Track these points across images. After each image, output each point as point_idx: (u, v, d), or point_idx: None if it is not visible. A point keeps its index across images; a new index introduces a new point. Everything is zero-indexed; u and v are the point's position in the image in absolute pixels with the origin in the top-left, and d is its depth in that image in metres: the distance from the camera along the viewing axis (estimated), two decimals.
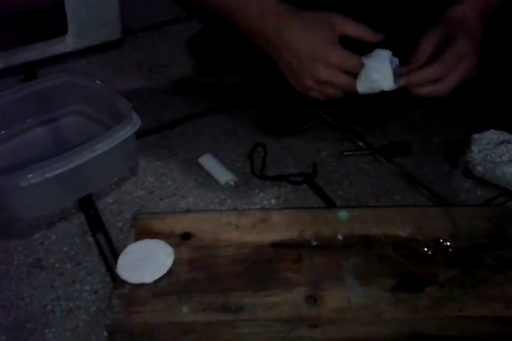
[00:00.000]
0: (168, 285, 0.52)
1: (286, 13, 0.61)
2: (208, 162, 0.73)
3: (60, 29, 0.94)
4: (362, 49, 0.63)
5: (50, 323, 0.54)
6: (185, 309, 0.50)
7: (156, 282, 0.52)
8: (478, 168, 0.68)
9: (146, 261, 0.53)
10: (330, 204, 0.68)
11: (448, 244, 0.57)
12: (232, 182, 0.70)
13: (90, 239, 0.63)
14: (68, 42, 0.96)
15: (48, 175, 0.60)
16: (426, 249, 0.56)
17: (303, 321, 0.50)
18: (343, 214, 0.61)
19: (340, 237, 0.58)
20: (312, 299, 0.51)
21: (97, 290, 0.57)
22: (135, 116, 0.67)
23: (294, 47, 0.61)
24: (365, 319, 0.50)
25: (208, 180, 0.71)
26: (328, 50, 0.61)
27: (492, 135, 0.70)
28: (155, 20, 1.09)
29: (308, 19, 0.61)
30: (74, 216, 0.66)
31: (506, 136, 0.69)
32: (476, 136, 0.71)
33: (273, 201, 0.68)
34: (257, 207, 0.67)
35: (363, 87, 0.63)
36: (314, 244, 0.57)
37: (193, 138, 0.78)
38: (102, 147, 0.63)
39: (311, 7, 0.63)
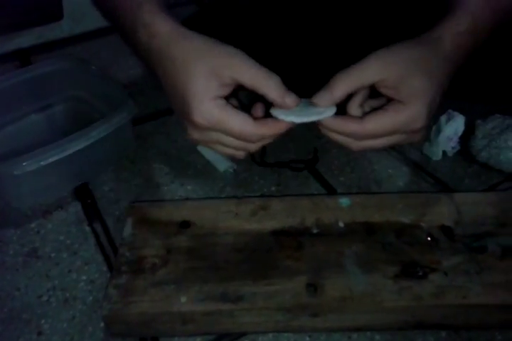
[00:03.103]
0: (166, 275, 0.51)
1: (160, 39, 0.47)
2: (207, 149, 0.71)
3: (55, 14, 0.92)
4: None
5: (46, 314, 0.53)
6: (183, 298, 0.49)
7: (154, 271, 0.51)
8: (483, 153, 0.67)
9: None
10: (331, 191, 0.67)
11: (452, 230, 0.55)
12: (231, 170, 0.69)
13: (87, 228, 0.62)
14: (64, 28, 0.95)
15: (43, 163, 0.58)
16: (429, 236, 0.55)
17: (303, 310, 0.49)
18: (345, 200, 0.60)
19: (341, 224, 0.57)
20: (313, 287, 0.50)
21: (94, 279, 0.56)
22: (131, 103, 0.65)
23: (167, 83, 0.48)
24: (367, 307, 0.49)
25: (207, 167, 0.70)
26: (192, 109, 0.45)
27: (496, 120, 0.68)
28: None
29: (183, 54, 0.46)
30: (70, 204, 0.65)
31: (511, 120, 0.68)
32: (480, 121, 0.69)
33: (273, 188, 0.67)
34: (257, 194, 0.66)
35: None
36: (315, 231, 0.56)
37: None
38: (97, 134, 0.62)
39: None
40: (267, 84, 0.44)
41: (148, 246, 0.54)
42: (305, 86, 0.48)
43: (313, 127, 0.48)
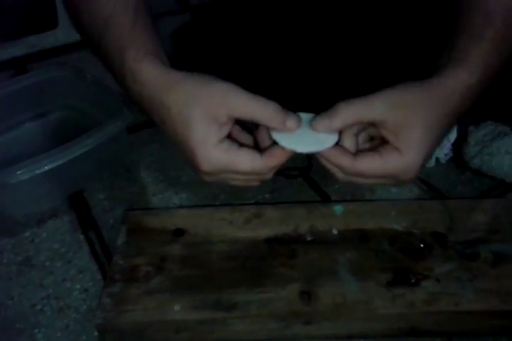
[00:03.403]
0: (159, 283, 0.51)
1: (148, 88, 0.45)
2: None
3: (50, 23, 0.92)
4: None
5: (40, 323, 0.53)
6: (177, 307, 0.49)
7: (148, 280, 0.51)
8: (475, 160, 0.67)
9: None
10: (325, 199, 0.67)
11: (444, 237, 0.56)
12: None
13: (81, 236, 0.62)
14: (59, 36, 0.95)
15: (37, 171, 0.59)
16: (422, 243, 0.55)
17: (297, 318, 0.49)
18: (338, 208, 0.60)
19: (335, 232, 0.57)
20: (307, 295, 0.50)
21: (88, 288, 0.56)
22: (126, 111, 0.66)
23: (164, 129, 0.47)
24: (361, 315, 0.49)
25: None
26: (198, 159, 0.44)
27: (488, 127, 0.69)
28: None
29: (174, 104, 0.44)
30: (65, 213, 0.65)
31: (503, 127, 0.68)
32: (472, 128, 0.70)
33: (267, 195, 0.67)
34: (252, 201, 0.66)
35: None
36: (309, 239, 0.56)
37: None
38: (92, 142, 0.62)
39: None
40: (264, 114, 0.43)
41: (142, 255, 0.54)
42: (303, 94, 0.47)
43: None
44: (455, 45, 0.47)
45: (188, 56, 0.92)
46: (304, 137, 0.45)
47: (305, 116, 0.46)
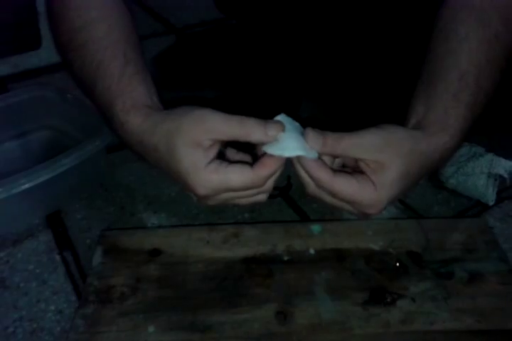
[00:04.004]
0: (134, 304, 0.51)
1: (135, 135, 0.49)
2: None
3: (33, 43, 0.93)
4: None
5: None
6: (151, 328, 0.49)
7: (122, 301, 0.51)
8: (451, 180, 0.68)
9: None
10: (304, 218, 0.67)
11: (420, 256, 0.56)
12: None
13: (57, 256, 0.61)
14: (42, 57, 0.95)
15: (14, 190, 0.58)
16: (398, 262, 0.56)
17: (273, 338, 0.49)
18: (316, 227, 0.60)
19: (312, 251, 0.57)
20: (282, 315, 0.50)
21: (63, 309, 0.55)
22: (106, 131, 0.66)
23: (156, 163, 0.50)
24: (336, 335, 0.49)
25: (181, 195, 0.70)
26: (192, 186, 0.46)
27: (464, 147, 0.70)
28: None
29: (159, 145, 0.47)
30: (41, 233, 0.64)
31: (478, 148, 0.70)
32: None
33: (247, 215, 0.67)
34: (231, 221, 0.66)
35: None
36: (286, 258, 0.56)
37: None
38: (70, 161, 0.62)
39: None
40: (243, 131, 0.45)
41: (117, 275, 0.54)
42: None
43: None
44: (433, 101, 0.50)
45: (172, 78, 0.93)
46: (289, 142, 0.46)
47: (286, 119, 0.47)
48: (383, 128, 0.47)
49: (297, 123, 0.48)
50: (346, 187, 0.46)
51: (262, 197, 0.50)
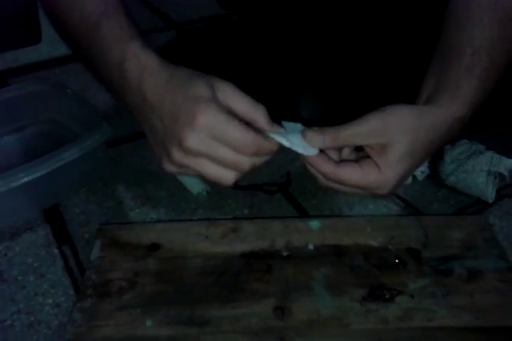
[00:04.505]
0: (133, 298, 0.51)
1: (154, 65, 0.46)
2: None
3: (33, 38, 0.93)
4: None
5: (8, 339, 0.51)
6: (149, 322, 0.48)
7: (120, 295, 0.51)
8: (451, 178, 0.68)
9: None
10: (303, 214, 0.67)
11: (419, 253, 0.56)
12: (204, 192, 0.69)
13: (56, 250, 0.61)
14: (42, 51, 0.95)
15: (13, 184, 0.58)
16: (397, 259, 0.55)
17: (270, 333, 0.49)
18: (315, 223, 0.60)
19: (311, 247, 0.57)
20: (280, 310, 0.50)
21: (60, 303, 0.55)
22: (105, 125, 0.66)
23: (155, 105, 0.45)
24: (334, 331, 0.49)
25: (180, 189, 0.70)
26: (197, 109, 0.42)
27: (464, 145, 0.70)
28: None
29: (179, 74, 0.45)
30: (40, 227, 0.64)
31: (478, 146, 0.70)
32: (448, 146, 0.71)
33: (246, 211, 0.67)
34: (230, 216, 0.66)
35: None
36: (285, 254, 0.56)
37: None
38: (69, 156, 0.62)
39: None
40: (257, 111, 0.44)
41: (115, 270, 0.53)
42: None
43: (287, 151, 0.48)
44: (446, 75, 0.50)
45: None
46: (292, 138, 0.47)
47: (291, 125, 0.49)
48: (383, 110, 0.47)
49: (298, 124, 0.49)
50: (351, 174, 0.47)
51: (229, 176, 0.45)
